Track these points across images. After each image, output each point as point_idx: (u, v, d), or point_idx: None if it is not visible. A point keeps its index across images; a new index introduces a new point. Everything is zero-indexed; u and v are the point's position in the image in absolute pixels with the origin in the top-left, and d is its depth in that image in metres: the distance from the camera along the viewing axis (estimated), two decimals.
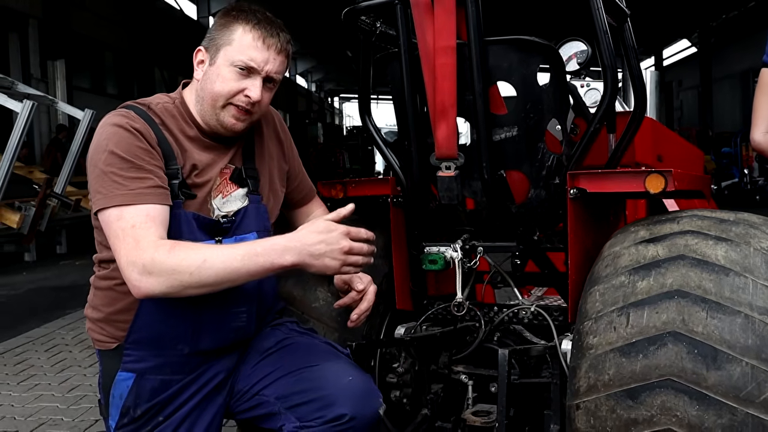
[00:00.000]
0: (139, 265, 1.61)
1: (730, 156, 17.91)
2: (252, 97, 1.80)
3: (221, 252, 1.66)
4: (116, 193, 1.68)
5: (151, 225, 1.66)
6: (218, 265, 1.62)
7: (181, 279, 1.61)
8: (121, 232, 1.65)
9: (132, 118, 1.75)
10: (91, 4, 18.32)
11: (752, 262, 1.52)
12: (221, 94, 1.80)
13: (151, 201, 1.68)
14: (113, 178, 1.68)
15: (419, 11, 1.86)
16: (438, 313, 2.19)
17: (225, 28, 1.82)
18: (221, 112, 1.82)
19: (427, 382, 2.16)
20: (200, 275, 1.61)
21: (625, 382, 1.47)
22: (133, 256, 1.62)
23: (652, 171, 1.77)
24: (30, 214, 8.59)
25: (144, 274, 1.61)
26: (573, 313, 1.89)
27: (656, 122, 3.01)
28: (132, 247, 1.63)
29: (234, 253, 1.64)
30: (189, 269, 1.61)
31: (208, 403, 1.86)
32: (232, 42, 1.79)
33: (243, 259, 1.63)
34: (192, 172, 1.82)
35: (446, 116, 1.88)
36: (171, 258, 1.61)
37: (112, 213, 1.67)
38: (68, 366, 4.49)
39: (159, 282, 1.61)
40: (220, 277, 1.63)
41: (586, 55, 2.83)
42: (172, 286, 1.62)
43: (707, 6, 24.07)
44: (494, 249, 2.06)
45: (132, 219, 1.65)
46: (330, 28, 18.61)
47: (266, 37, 1.80)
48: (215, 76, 1.81)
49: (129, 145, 1.70)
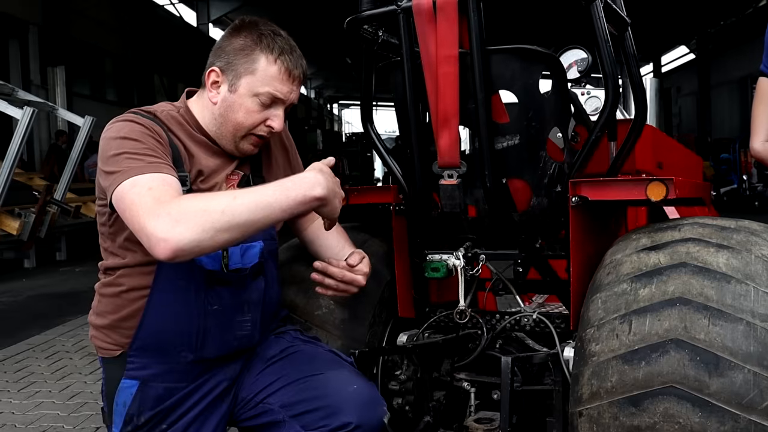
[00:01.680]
0: (164, 216, 1.49)
1: (729, 162, 17.97)
2: (275, 128, 1.83)
3: (250, 189, 1.61)
4: (131, 166, 1.60)
5: (168, 187, 1.57)
6: (249, 199, 1.55)
7: (213, 219, 1.49)
8: (137, 197, 1.55)
9: (142, 119, 1.74)
10: (91, 11, 18.35)
11: (753, 270, 1.53)
12: (244, 125, 1.81)
13: (167, 172, 1.62)
14: (126, 156, 1.62)
15: (422, 20, 1.87)
16: (440, 321, 2.20)
17: (246, 55, 1.79)
18: (241, 141, 1.84)
19: (429, 390, 2.17)
20: (233, 212, 1.51)
21: (628, 389, 1.47)
22: (156, 210, 1.51)
23: (654, 179, 1.78)
24: (30, 221, 8.59)
25: (171, 224, 1.48)
26: (575, 321, 1.90)
27: (656, 129, 3.02)
28: (152, 204, 1.52)
29: (264, 189, 1.60)
30: (220, 206, 1.51)
31: (212, 411, 1.87)
32: (256, 72, 1.78)
33: (275, 193, 1.58)
34: (198, 178, 1.82)
35: (449, 125, 1.89)
36: (199, 200, 1.55)
37: (126, 184, 1.58)
38: (69, 373, 4.49)
39: (189, 228, 1.48)
40: (253, 213, 1.54)
41: (586, 63, 2.85)
42: (204, 230, 1.49)
43: (705, 13, 24.14)
44: (496, 257, 2.07)
45: (148, 183, 1.57)
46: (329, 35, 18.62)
47: (292, 69, 1.80)
48: (238, 106, 1.80)
49: (141, 134, 1.68)
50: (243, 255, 1.85)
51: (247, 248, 1.86)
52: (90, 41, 18.58)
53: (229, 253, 1.82)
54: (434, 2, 1.84)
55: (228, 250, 1.82)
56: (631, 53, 2.07)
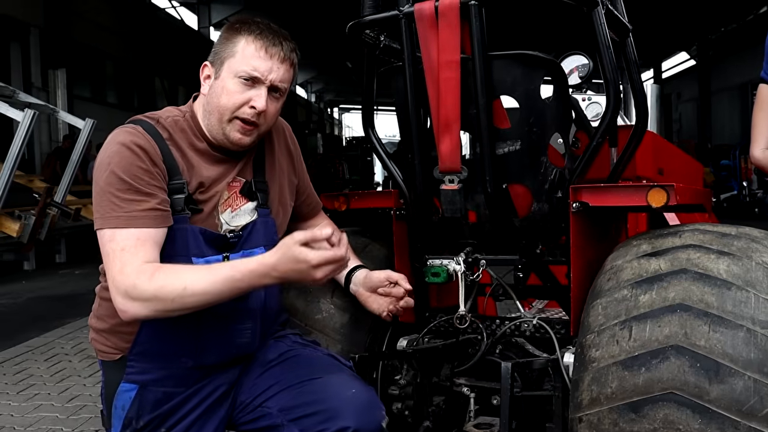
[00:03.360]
0: (122, 290, 1.65)
1: (729, 168, 17.97)
2: (257, 107, 1.80)
3: (202, 276, 1.67)
4: (111, 214, 1.70)
5: (140, 249, 1.68)
6: (199, 291, 1.65)
7: (163, 305, 1.65)
8: (111, 253, 1.69)
9: (138, 135, 1.74)
10: (92, 14, 18.37)
11: (754, 276, 1.53)
12: (227, 107, 1.80)
13: (144, 225, 1.70)
14: (110, 198, 1.70)
15: (423, 26, 1.87)
16: (440, 326, 2.20)
17: (228, 41, 1.82)
18: (227, 127, 1.82)
19: (429, 395, 2.17)
20: (182, 301, 1.65)
21: (628, 395, 1.47)
22: (117, 280, 1.66)
23: (655, 185, 1.78)
24: (30, 223, 8.58)
25: (127, 299, 1.65)
26: (575, 326, 1.90)
27: (657, 136, 3.02)
28: (117, 271, 1.67)
29: (215, 279, 1.65)
30: (170, 296, 1.64)
31: (211, 415, 1.87)
32: (236, 54, 1.80)
33: (224, 284, 1.65)
34: (198, 189, 1.82)
35: (450, 130, 1.90)
36: (151, 285, 1.64)
37: (105, 234, 1.70)
38: (68, 376, 4.49)
39: (142, 307, 1.65)
40: (201, 303, 1.66)
41: (587, 69, 2.85)
42: (156, 311, 1.66)
43: (706, 19, 24.18)
44: (497, 262, 2.06)
45: (122, 242, 1.68)
46: (330, 39, 18.66)
47: (269, 46, 1.80)
48: (220, 89, 1.81)
49: (130, 166, 1.71)
50: None
51: (248, 254, 1.85)
52: (91, 44, 18.60)
53: (230, 259, 1.82)
54: (436, 7, 1.84)
55: (229, 257, 1.82)
56: (632, 59, 2.07)
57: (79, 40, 17.59)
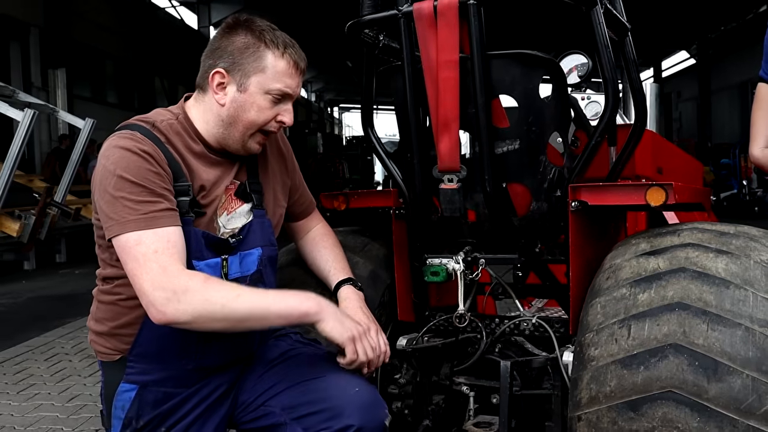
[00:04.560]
0: (169, 290, 1.60)
1: (729, 167, 17.97)
2: (286, 123, 1.84)
3: (253, 290, 1.72)
4: (129, 218, 1.66)
5: (173, 251, 1.66)
6: (250, 300, 1.67)
7: (212, 309, 1.63)
8: (143, 257, 1.63)
9: (138, 140, 1.72)
10: (92, 14, 18.38)
11: (752, 275, 1.53)
12: (257, 122, 1.81)
13: (165, 224, 1.67)
14: (124, 203, 1.66)
15: (422, 25, 1.87)
16: (439, 325, 2.20)
17: (252, 53, 1.77)
18: (249, 140, 1.83)
19: (428, 393, 2.17)
20: (232, 307, 1.64)
21: (627, 393, 1.47)
22: (162, 281, 1.61)
23: (653, 184, 1.78)
24: (30, 223, 8.59)
25: (173, 300, 1.60)
26: (574, 325, 1.90)
27: (656, 135, 3.03)
28: (158, 272, 1.62)
29: (266, 293, 1.73)
30: (222, 300, 1.64)
31: (211, 414, 1.87)
32: (266, 70, 1.77)
33: (274, 299, 1.71)
34: (200, 192, 1.81)
35: (449, 129, 1.90)
36: (206, 289, 1.64)
37: (130, 238, 1.65)
38: (68, 375, 4.49)
39: (188, 310, 1.61)
40: (248, 313, 1.67)
41: (586, 68, 2.86)
42: (200, 316, 1.63)
43: (706, 18, 24.17)
44: (496, 261, 2.07)
45: (153, 244, 1.64)
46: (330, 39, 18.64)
47: (298, 61, 1.82)
48: (249, 105, 1.79)
49: (138, 169, 1.68)
50: (241, 263, 1.86)
51: (245, 256, 1.86)
52: (91, 43, 18.60)
53: (228, 262, 1.83)
54: (435, 7, 1.85)
55: (228, 259, 1.83)
56: (631, 58, 2.07)
57: (78, 40, 17.59)
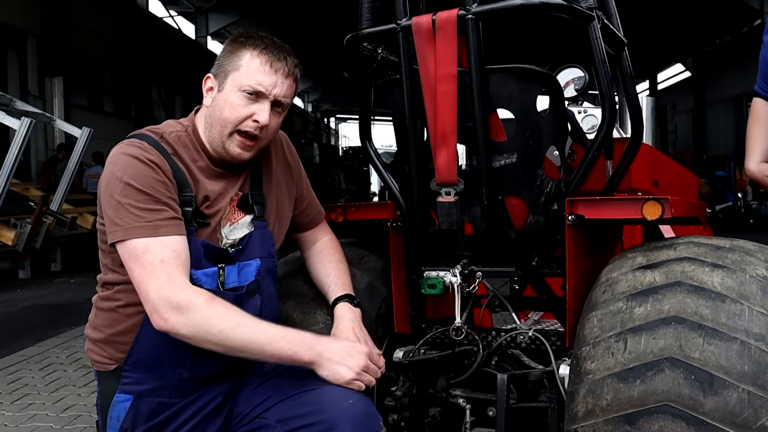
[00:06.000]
0: (173, 301, 1.65)
1: (724, 180, 18.03)
2: (261, 122, 1.81)
3: (254, 323, 1.71)
4: (134, 225, 1.69)
5: (179, 262, 1.69)
6: (248, 333, 1.68)
7: (209, 331, 1.66)
8: (149, 265, 1.67)
9: (146, 149, 1.75)
10: (89, 23, 18.42)
11: (748, 289, 1.54)
12: (229, 120, 1.82)
13: (170, 233, 1.70)
14: (130, 210, 1.69)
15: (421, 39, 1.88)
16: (436, 337, 2.20)
17: (233, 54, 1.83)
18: (227, 141, 1.83)
19: (425, 406, 2.17)
20: (228, 335, 1.67)
21: (623, 407, 1.48)
22: (168, 291, 1.65)
23: (650, 198, 1.79)
24: (25, 232, 8.57)
25: (176, 311, 1.65)
26: (570, 338, 1.90)
27: (652, 148, 3.04)
28: (165, 282, 1.66)
29: (266, 329, 1.72)
30: (220, 326, 1.66)
31: (206, 426, 1.86)
32: (240, 67, 1.81)
33: (272, 338, 1.70)
34: (204, 203, 1.83)
35: (447, 143, 1.91)
36: (209, 308, 1.66)
37: (136, 245, 1.69)
38: (63, 385, 4.47)
39: (187, 324, 1.66)
40: (243, 345, 1.69)
41: (583, 82, 2.86)
42: (198, 334, 1.67)
43: (701, 31, 24.33)
44: (493, 274, 2.07)
45: (159, 253, 1.67)
46: (327, 50, 18.71)
47: (273, 60, 1.82)
48: (224, 102, 1.82)
49: (145, 177, 1.71)
50: (239, 273, 1.86)
51: (243, 266, 1.87)
52: (88, 52, 18.63)
53: (225, 272, 1.83)
54: (433, 21, 1.86)
55: (224, 269, 1.83)
56: (627, 73, 2.09)
57: (76, 49, 17.62)
